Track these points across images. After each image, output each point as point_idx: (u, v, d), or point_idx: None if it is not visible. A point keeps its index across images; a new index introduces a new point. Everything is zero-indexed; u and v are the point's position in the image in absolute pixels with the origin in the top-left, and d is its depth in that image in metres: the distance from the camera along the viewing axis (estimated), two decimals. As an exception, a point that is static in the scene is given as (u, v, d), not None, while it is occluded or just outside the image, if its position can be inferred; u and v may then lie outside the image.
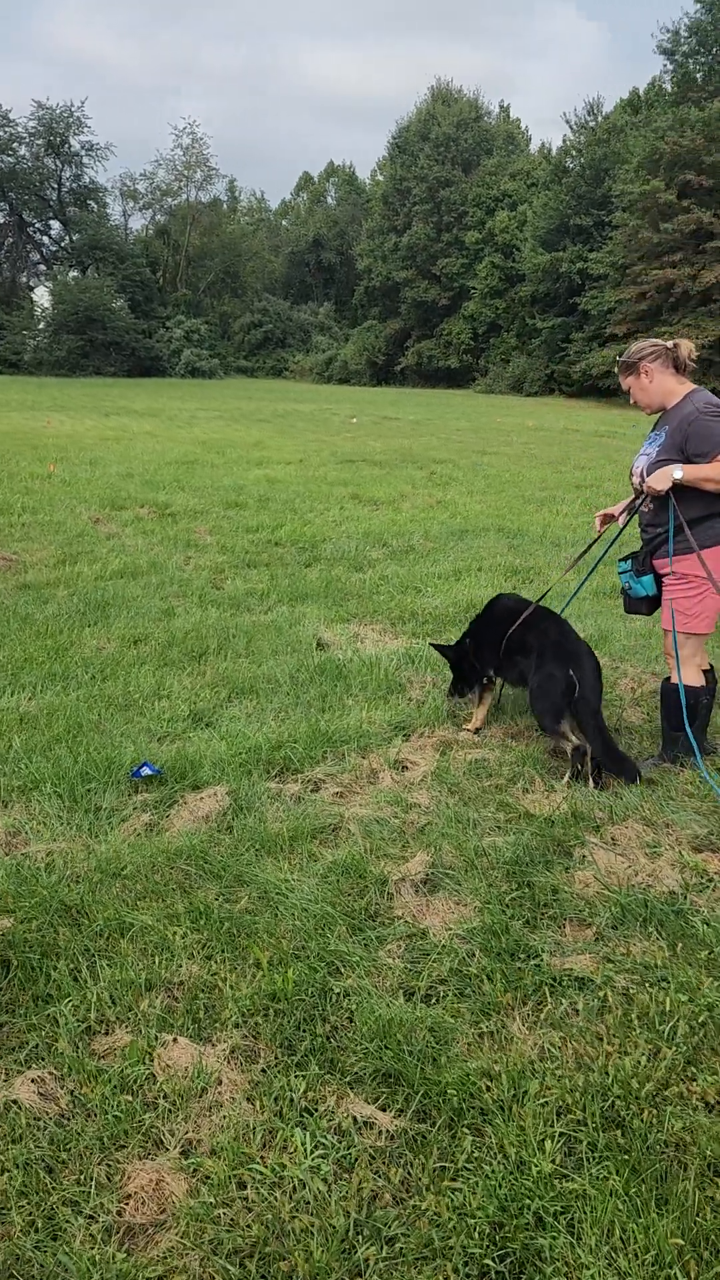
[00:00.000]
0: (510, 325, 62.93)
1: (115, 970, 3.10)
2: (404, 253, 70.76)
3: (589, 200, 54.63)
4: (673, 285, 46.59)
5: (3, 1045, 2.81)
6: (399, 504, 13.03)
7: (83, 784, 4.37)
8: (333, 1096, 2.60)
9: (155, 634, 6.72)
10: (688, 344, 4.68)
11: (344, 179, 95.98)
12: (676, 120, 47.03)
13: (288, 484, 14.50)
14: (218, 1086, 2.65)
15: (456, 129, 69.40)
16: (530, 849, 3.85)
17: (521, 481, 15.75)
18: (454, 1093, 2.54)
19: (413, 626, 7.08)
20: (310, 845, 3.93)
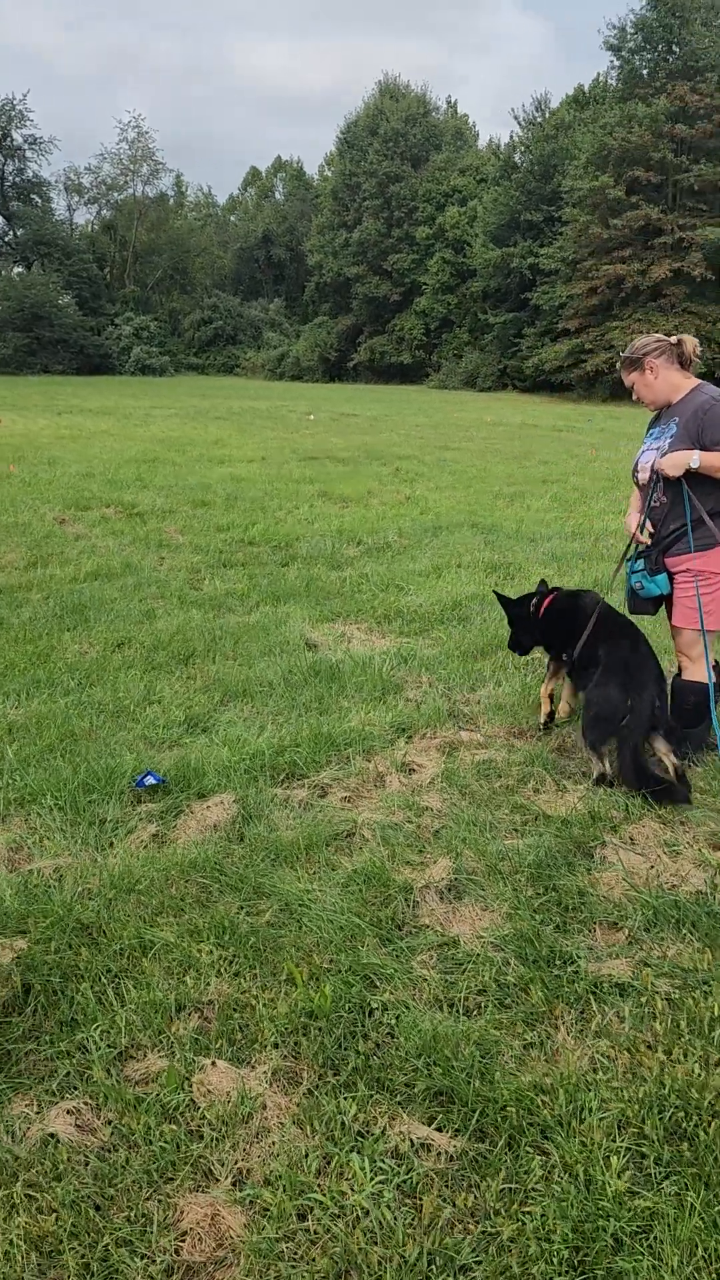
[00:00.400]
0: (462, 321, 63.15)
1: (141, 991, 2.98)
2: (355, 248, 70.70)
3: (538, 196, 54.93)
4: (623, 280, 47.03)
5: (32, 1075, 2.69)
6: (368, 501, 12.94)
7: (84, 795, 4.23)
8: (384, 1118, 2.51)
9: (138, 637, 6.57)
10: (692, 340, 4.65)
11: (292, 174, 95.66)
12: (624, 116, 47.45)
13: (253, 482, 14.35)
14: (263, 1111, 2.54)
15: (405, 124, 69.44)
16: (551, 851, 3.78)
17: (488, 477, 15.73)
18: (512, 1110, 2.46)
19: (399, 625, 7.00)
20: (326, 853, 3.83)
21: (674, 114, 46.62)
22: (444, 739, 4.95)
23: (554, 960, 3.13)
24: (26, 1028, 2.86)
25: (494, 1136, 2.44)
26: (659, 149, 46.38)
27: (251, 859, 3.78)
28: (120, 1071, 2.70)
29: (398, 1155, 2.39)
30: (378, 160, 69.17)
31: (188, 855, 3.76)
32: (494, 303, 58.46)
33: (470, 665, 6.04)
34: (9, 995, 2.96)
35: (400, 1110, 2.53)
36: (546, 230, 54.09)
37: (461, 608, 7.37)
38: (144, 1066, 2.71)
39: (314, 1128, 2.48)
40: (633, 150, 46.80)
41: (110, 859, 3.79)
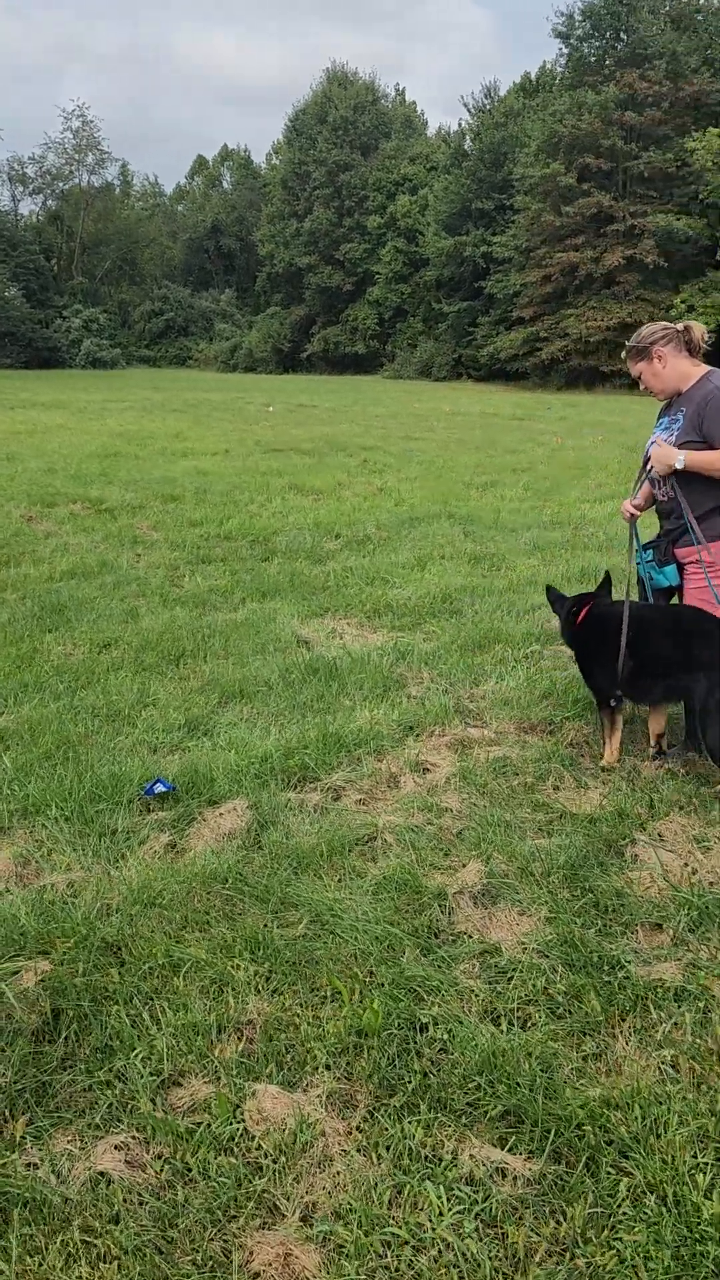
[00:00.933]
0: (416, 310, 63.03)
1: (178, 1013, 2.84)
2: (306, 238, 70.27)
3: (489, 184, 54.89)
4: (577, 268, 47.16)
5: (72, 1108, 2.54)
6: (339, 493, 12.80)
7: (91, 804, 4.07)
8: (452, 1141, 2.40)
9: (124, 637, 6.39)
10: (700, 326, 4.55)
11: (239, 163, 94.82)
12: (574, 104, 47.52)
13: (220, 475, 14.14)
14: (322, 1139, 2.42)
15: (354, 112, 69.10)
16: (582, 851, 3.69)
17: (456, 467, 15.64)
18: (589, 1129, 2.36)
19: (390, 620, 6.88)
20: (349, 859, 3.71)
21: (623, 101, 46.79)
22: (453, 736, 4.84)
23: (601, 966, 3.04)
24: (60, 1057, 2.71)
25: (570, 1157, 2.34)
26: (609, 136, 46.53)
27: (273, 868, 3.65)
28: (165, 1100, 2.56)
29: (472, 1182, 2.28)
30: (327, 148, 68.75)
31: (207, 865, 3.62)
32: (447, 291, 58.38)
33: (470, 659, 5.94)
34: (39, 1022, 2.81)
35: (468, 1132, 2.42)
36: (499, 218, 54.08)
37: (452, 600, 7.27)
38: (189, 1094, 2.58)
39: (380, 1154, 2.36)
40: (583, 137, 46.90)
41: (125, 871, 3.63)
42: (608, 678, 4.44)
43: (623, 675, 4.38)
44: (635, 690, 4.48)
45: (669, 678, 4.34)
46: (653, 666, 4.35)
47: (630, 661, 4.36)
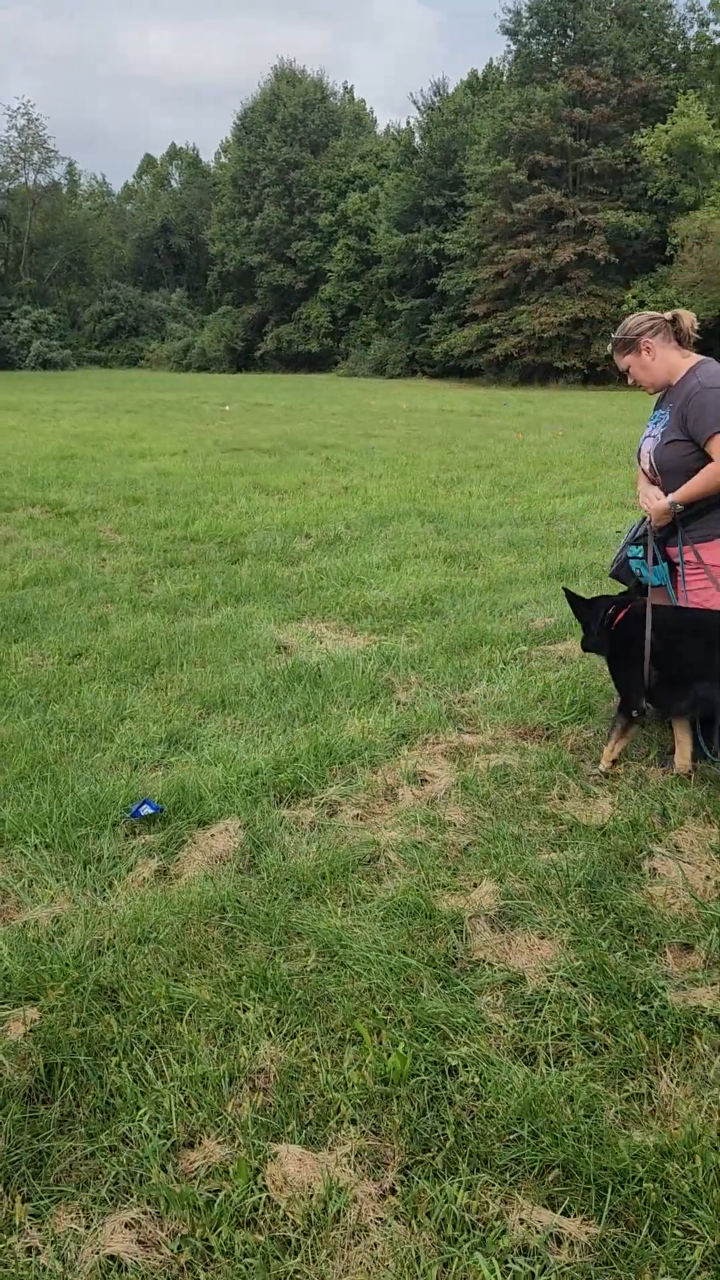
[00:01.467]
0: (369, 307, 62.94)
1: (184, 1064, 2.60)
2: (256, 236, 69.89)
3: (440, 181, 54.94)
4: (529, 264, 47.34)
5: (74, 1179, 2.29)
6: (305, 492, 12.55)
7: (73, 830, 3.80)
8: (497, 1203, 2.18)
9: (95, 646, 6.11)
10: (689, 314, 4.37)
11: (188, 161, 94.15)
12: (523, 101, 47.68)
13: (181, 476, 13.83)
14: (354, 1205, 2.19)
15: (303, 110, 68.83)
16: (598, 866, 3.50)
17: (419, 464, 15.46)
18: (650, 1186, 2.15)
19: (370, 622, 6.66)
20: (353, 881, 3.48)
21: (572, 98, 47.06)
22: (448, 744, 4.63)
23: (634, 994, 2.84)
24: (56, 1120, 2.45)
25: (629, 1217, 2.13)
26: (558, 133, 46.77)
27: (273, 893, 3.41)
28: (177, 1166, 2.31)
29: (526, 1251, 2.06)
30: (276, 146, 68.41)
31: (203, 893, 3.37)
32: (400, 289, 58.36)
33: (457, 662, 5.74)
34: (31, 1081, 2.55)
35: (514, 1192, 2.20)
36: (450, 215, 54.14)
37: (432, 601, 7.06)
38: (203, 1157, 2.33)
39: (420, 1222, 2.14)
40: (533, 134, 47.09)
41: (114, 903, 3.38)
42: (637, 686, 4.22)
43: (651, 683, 4.16)
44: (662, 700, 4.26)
45: (696, 687, 4.09)
46: (679, 676, 4.11)
47: (657, 671, 4.14)
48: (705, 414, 4.10)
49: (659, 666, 4.12)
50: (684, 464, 4.23)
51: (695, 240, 41.06)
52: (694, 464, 4.20)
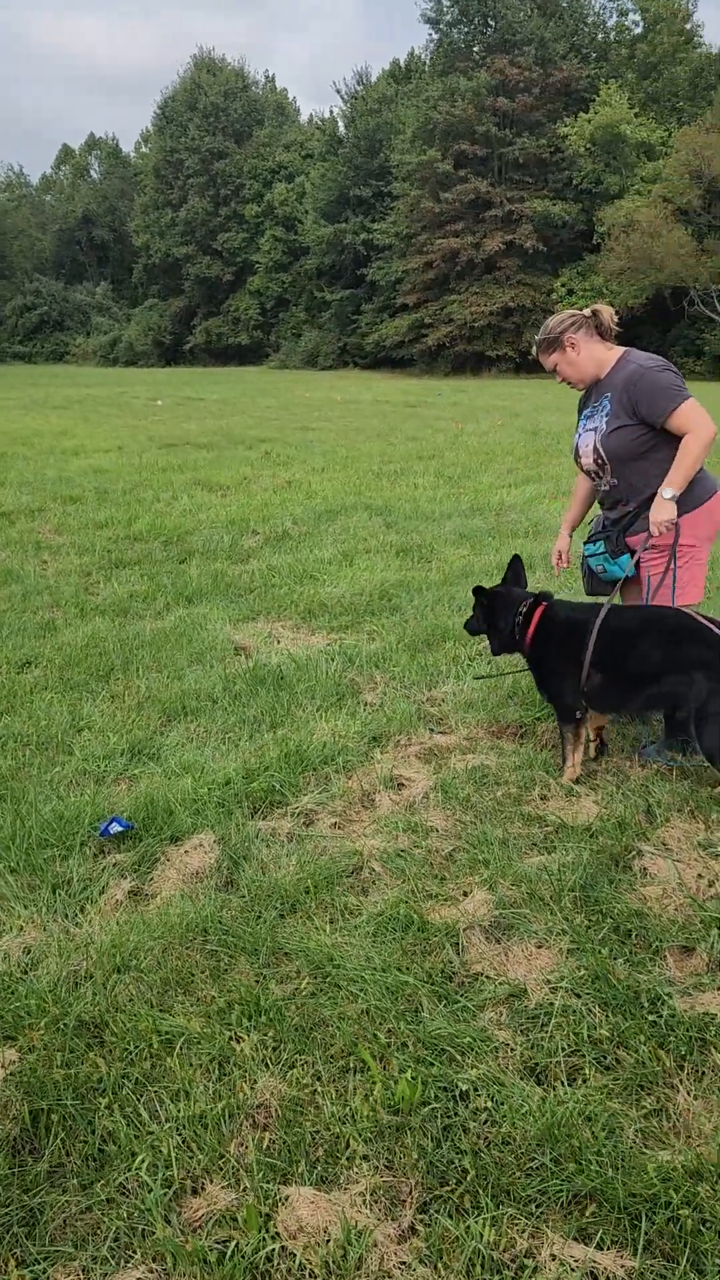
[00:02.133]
0: (298, 299, 62.61)
1: (180, 1104, 2.45)
2: (182, 227, 69.03)
3: (366, 171, 54.79)
4: (458, 254, 47.44)
5: (70, 1237, 2.13)
6: (247, 487, 12.35)
7: (38, 851, 3.61)
8: (524, 1238, 2.07)
9: (44, 653, 5.88)
10: (608, 308, 4.34)
11: (108, 151, 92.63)
12: (446, 90, 47.68)
13: (118, 473, 13.53)
14: (374, 1249, 2.07)
15: (224, 99, 68.10)
16: (588, 868, 3.41)
17: (360, 456, 15.33)
18: (684, 1212, 2.06)
19: (327, 620, 6.52)
20: (338, 895, 3.35)
21: (495, 87, 47.21)
22: (421, 746, 4.52)
23: (640, 1002, 2.76)
24: (46, 1172, 2.29)
25: (664, 1246, 2.04)
26: (483, 122, 46.88)
27: (255, 911, 3.27)
28: (180, 1216, 2.17)
29: (563, 1290, 1.96)
30: (199, 136, 67.60)
31: (183, 915, 3.21)
32: (329, 280, 58.12)
33: (421, 660, 5.63)
34: (15, 1130, 2.38)
35: (542, 1226, 2.10)
36: (377, 205, 54.04)
37: (389, 597, 6.95)
38: (207, 1204, 2.19)
39: (447, 1264, 2.03)
40: (457, 124, 47.14)
41: (88, 929, 3.21)
42: (573, 691, 4.12)
43: (591, 687, 4.07)
44: (607, 702, 4.17)
45: (652, 686, 4.02)
46: (634, 675, 4.03)
47: (600, 675, 4.05)
48: (658, 394, 4.06)
49: (604, 669, 4.02)
50: (634, 447, 4.19)
51: (621, 229, 41.51)
52: (643, 447, 4.17)
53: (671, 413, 4.02)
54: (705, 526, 4.19)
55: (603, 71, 48.94)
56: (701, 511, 4.15)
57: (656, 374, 4.10)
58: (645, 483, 4.23)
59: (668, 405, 4.02)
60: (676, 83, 49.25)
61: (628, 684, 4.05)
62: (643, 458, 4.19)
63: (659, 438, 4.13)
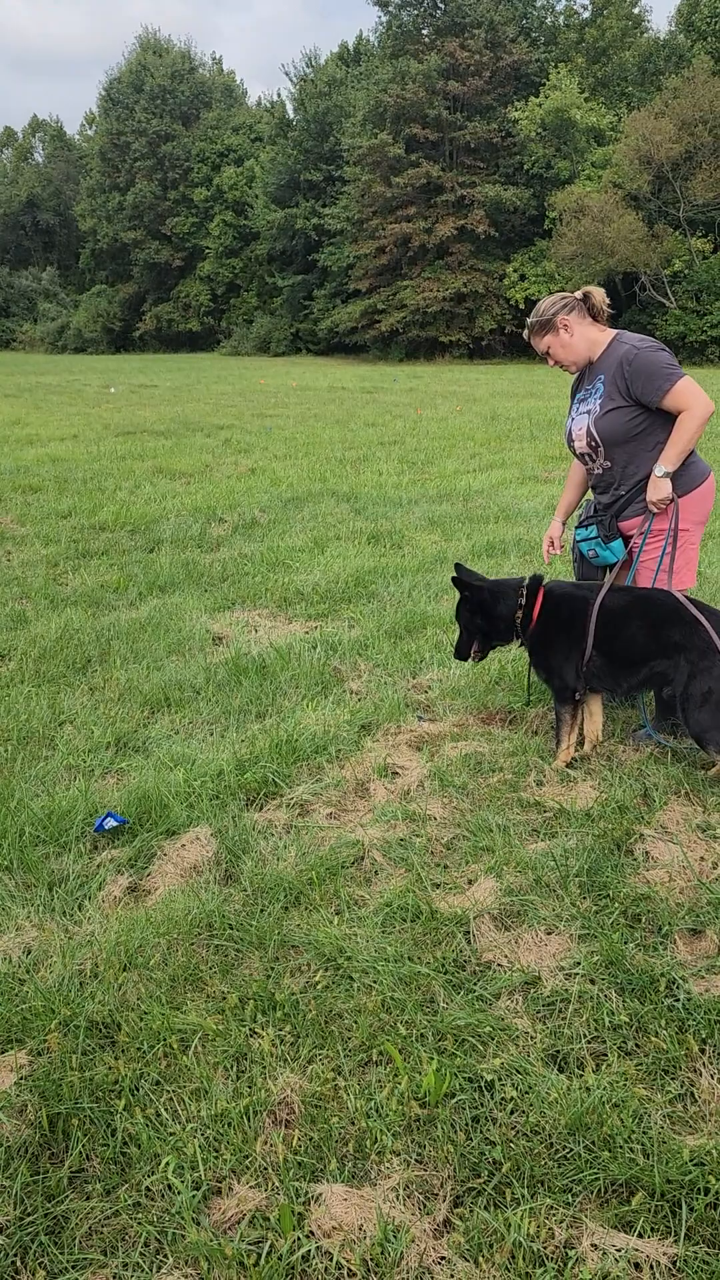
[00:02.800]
0: (250, 285, 62.14)
1: (200, 1103, 2.40)
2: (130, 212, 68.08)
3: (317, 155, 54.42)
4: (410, 239, 47.30)
5: (98, 1244, 2.07)
6: (210, 475, 12.24)
7: (32, 848, 3.53)
8: (563, 1229, 2.06)
9: (18, 646, 5.76)
10: (599, 290, 4.32)
11: (52, 134, 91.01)
12: (397, 73, 47.44)
13: (75, 461, 13.34)
14: (411, 1245, 2.04)
15: (171, 80, 67.22)
16: (591, 853, 3.40)
17: (321, 442, 15.26)
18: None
19: (304, 608, 6.47)
20: (341, 885, 3.32)
21: (445, 71, 47.06)
22: (412, 734, 4.49)
23: (656, 987, 2.75)
24: (68, 1179, 2.23)
25: (705, 1232, 2.03)
26: (434, 106, 46.73)
27: (259, 904, 3.22)
28: (210, 1218, 2.12)
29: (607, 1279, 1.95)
30: (146, 118, 66.66)
31: (186, 910, 3.16)
32: (280, 265, 57.73)
33: (403, 647, 5.60)
34: (34, 1136, 2.32)
35: (581, 1216, 2.08)
36: (328, 190, 53.70)
37: (365, 584, 6.90)
38: (236, 1205, 2.15)
39: (487, 1257, 2.00)
40: (408, 107, 46.94)
41: (88, 927, 3.14)
42: (574, 672, 4.11)
43: (592, 668, 4.08)
44: (603, 681, 4.16)
45: (644, 666, 4.02)
46: (627, 657, 4.03)
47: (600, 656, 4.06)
48: (653, 374, 4.05)
49: (603, 650, 4.03)
50: (627, 429, 4.18)
51: (572, 214, 41.63)
52: (636, 429, 4.16)
53: (667, 392, 4.02)
54: (698, 510, 4.20)
55: (552, 55, 48.98)
56: (695, 495, 4.16)
57: (651, 354, 4.08)
58: (638, 466, 4.23)
59: (663, 384, 4.01)
60: (625, 68, 49.48)
61: (621, 664, 4.05)
62: (635, 440, 4.18)
63: (653, 420, 4.12)
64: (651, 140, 40.23)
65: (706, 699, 3.81)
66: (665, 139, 39.96)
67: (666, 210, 42.45)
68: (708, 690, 3.80)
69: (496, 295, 46.74)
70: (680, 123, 40.08)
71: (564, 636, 4.08)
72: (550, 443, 14.22)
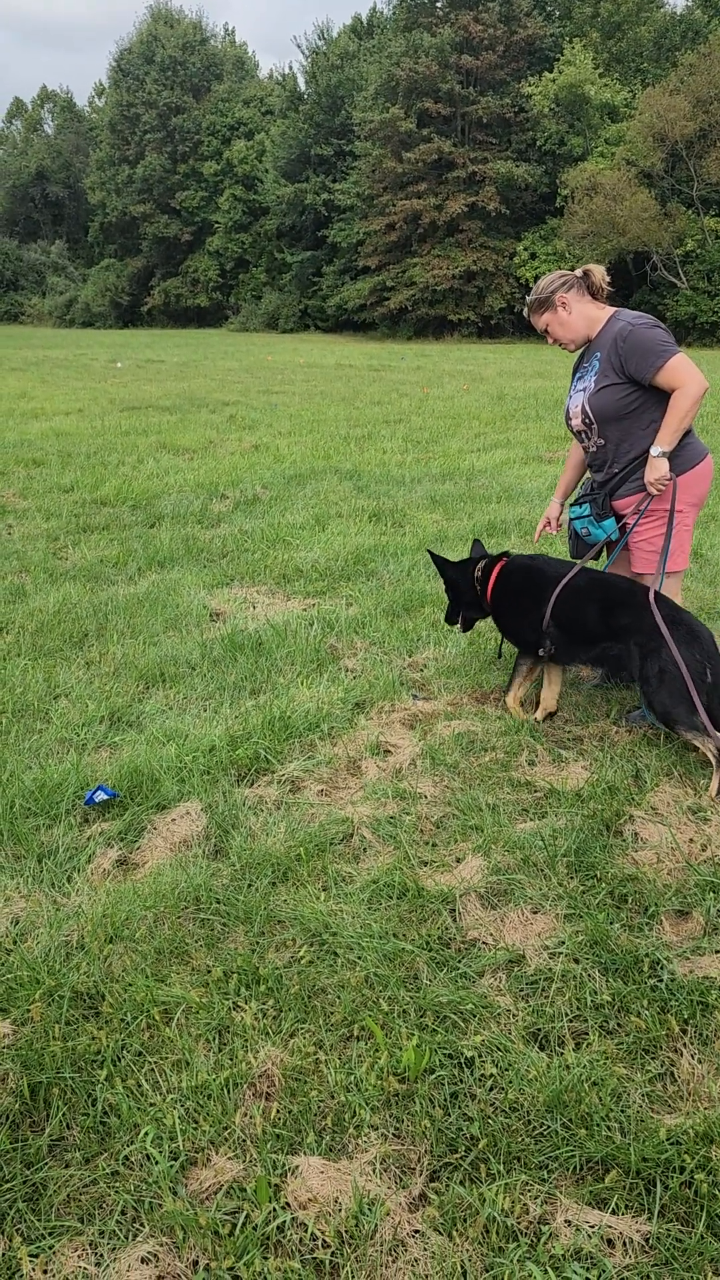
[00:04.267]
0: (259, 260, 61.72)
1: (181, 1074, 2.41)
2: (139, 185, 67.58)
3: (328, 129, 53.91)
4: (420, 215, 46.91)
5: (75, 1210, 2.09)
6: (213, 451, 12.19)
7: (22, 820, 3.54)
8: (538, 1204, 2.07)
9: (15, 620, 5.76)
10: (599, 268, 4.29)
11: (62, 105, 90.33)
12: (410, 46, 46.91)
13: (79, 436, 13.29)
14: (386, 1218, 2.05)
15: (182, 52, 66.59)
16: (580, 834, 3.40)
17: (326, 420, 15.18)
18: (700, 1176, 2.07)
19: (303, 585, 6.45)
20: (329, 862, 3.32)
21: (459, 44, 46.52)
22: (405, 712, 4.48)
23: (639, 967, 2.76)
24: (47, 1146, 2.24)
25: (678, 1210, 2.04)
26: (446, 80, 46.23)
27: (247, 879, 3.23)
28: (186, 1188, 2.14)
29: (580, 1256, 1.95)
30: (156, 90, 66.07)
31: (174, 883, 3.17)
32: (290, 241, 57.32)
33: (400, 625, 5.59)
34: (15, 1104, 2.33)
35: (555, 1192, 2.09)
36: (339, 164, 53.23)
37: (364, 562, 6.88)
38: (214, 1176, 2.16)
39: (461, 1231, 2.01)
40: (421, 81, 46.44)
41: (76, 899, 3.15)
42: (535, 630, 4.29)
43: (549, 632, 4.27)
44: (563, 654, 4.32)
45: (596, 646, 4.21)
46: (581, 634, 4.21)
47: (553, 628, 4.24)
48: (646, 350, 4.02)
49: (559, 624, 4.21)
50: (621, 406, 4.15)
51: (584, 191, 41.20)
52: (630, 406, 4.13)
53: (660, 369, 3.98)
54: (694, 491, 4.17)
55: (566, 30, 48.36)
56: (691, 475, 4.13)
57: (645, 330, 4.05)
58: (631, 444, 4.20)
59: (656, 361, 3.98)
60: (640, 43, 48.83)
61: (577, 640, 4.24)
62: (629, 417, 4.16)
63: (647, 397, 4.09)
64: (666, 117, 39.75)
65: (661, 679, 3.87)
66: (680, 116, 39.47)
67: (679, 189, 42.01)
68: (659, 670, 3.87)
69: (506, 274, 46.36)
70: (695, 100, 39.58)
71: (516, 603, 4.38)
72: (556, 423, 14.14)
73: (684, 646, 3.82)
